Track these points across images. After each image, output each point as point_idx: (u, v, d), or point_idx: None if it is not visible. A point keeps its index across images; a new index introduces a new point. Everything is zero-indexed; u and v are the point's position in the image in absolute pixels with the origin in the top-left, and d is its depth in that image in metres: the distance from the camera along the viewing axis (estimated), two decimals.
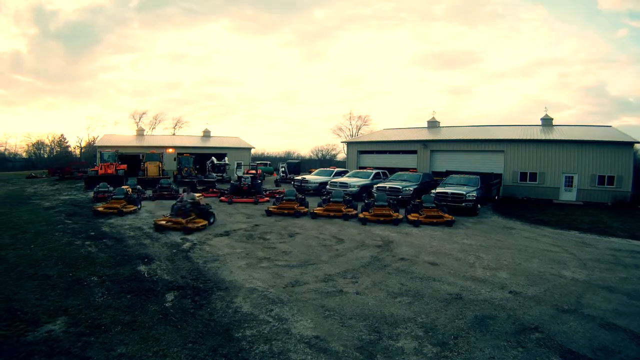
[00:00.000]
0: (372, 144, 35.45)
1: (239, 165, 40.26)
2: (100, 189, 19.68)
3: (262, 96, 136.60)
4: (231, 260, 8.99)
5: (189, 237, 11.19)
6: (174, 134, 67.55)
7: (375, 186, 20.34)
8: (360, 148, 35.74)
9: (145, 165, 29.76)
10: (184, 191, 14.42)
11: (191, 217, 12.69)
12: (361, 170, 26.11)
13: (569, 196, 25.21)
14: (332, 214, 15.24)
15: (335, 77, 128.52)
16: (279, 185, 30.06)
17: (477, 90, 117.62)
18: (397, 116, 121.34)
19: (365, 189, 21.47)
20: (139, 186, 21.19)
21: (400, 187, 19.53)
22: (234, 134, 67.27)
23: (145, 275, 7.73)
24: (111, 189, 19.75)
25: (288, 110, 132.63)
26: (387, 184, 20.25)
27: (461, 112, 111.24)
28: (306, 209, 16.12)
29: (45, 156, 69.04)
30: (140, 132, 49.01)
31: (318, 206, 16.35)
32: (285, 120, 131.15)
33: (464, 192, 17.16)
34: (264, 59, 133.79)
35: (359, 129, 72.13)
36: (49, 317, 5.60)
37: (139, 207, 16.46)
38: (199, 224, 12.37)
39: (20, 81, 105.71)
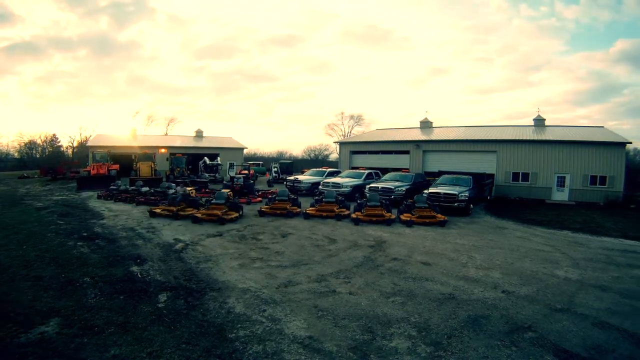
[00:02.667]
0: (364, 144, 35.51)
1: (231, 166, 40.14)
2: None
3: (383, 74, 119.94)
4: (224, 260, 8.97)
5: (182, 237, 11.16)
6: (166, 134, 67.27)
7: (367, 186, 20.32)
8: (353, 148, 35.79)
9: (138, 166, 29.62)
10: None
11: (181, 206, 14.93)
12: (354, 171, 26.11)
13: (561, 196, 25.40)
14: (324, 214, 15.23)
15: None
16: (271, 186, 30.01)
17: None
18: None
19: (358, 189, 21.46)
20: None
21: (393, 187, 19.55)
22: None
23: (138, 276, 7.69)
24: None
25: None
26: (380, 184, 20.26)
27: None
28: (299, 210, 16.09)
29: (38, 156, 68.37)
30: (133, 132, 48.78)
31: (310, 206, 16.33)
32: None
33: (457, 192, 17.23)
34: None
35: (352, 128, 72.31)
36: (42, 318, 5.55)
37: None
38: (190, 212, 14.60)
39: (18, 15, 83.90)
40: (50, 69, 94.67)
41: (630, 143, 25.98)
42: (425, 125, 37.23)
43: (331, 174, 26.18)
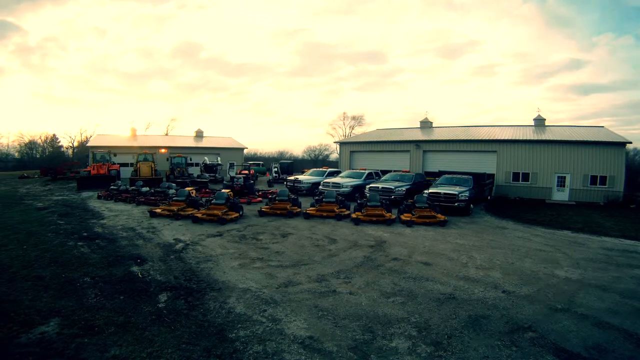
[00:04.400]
0: (364, 144, 35.47)
1: (231, 166, 40.10)
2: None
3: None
4: (224, 260, 8.97)
5: (182, 237, 11.16)
6: (166, 134, 67.25)
7: (367, 186, 20.34)
8: (353, 148, 35.76)
9: (138, 166, 29.61)
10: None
11: (181, 206, 15.36)
12: (354, 171, 26.08)
13: (561, 196, 25.40)
14: (324, 214, 15.24)
15: None
16: (271, 186, 30.01)
17: None
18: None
19: (358, 189, 21.46)
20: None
21: (393, 187, 19.55)
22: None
23: (139, 276, 7.69)
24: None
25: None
26: (380, 184, 20.27)
27: None
28: (299, 210, 16.11)
29: (38, 156, 68.43)
30: (133, 132, 48.75)
31: (311, 206, 16.34)
32: None
33: (457, 192, 17.21)
34: None
35: (352, 128, 72.25)
36: (42, 318, 5.55)
37: None
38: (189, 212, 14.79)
39: None
40: (71, 17, 69.14)
41: (630, 143, 26.02)
42: (425, 125, 37.24)
43: (331, 174, 26.17)
